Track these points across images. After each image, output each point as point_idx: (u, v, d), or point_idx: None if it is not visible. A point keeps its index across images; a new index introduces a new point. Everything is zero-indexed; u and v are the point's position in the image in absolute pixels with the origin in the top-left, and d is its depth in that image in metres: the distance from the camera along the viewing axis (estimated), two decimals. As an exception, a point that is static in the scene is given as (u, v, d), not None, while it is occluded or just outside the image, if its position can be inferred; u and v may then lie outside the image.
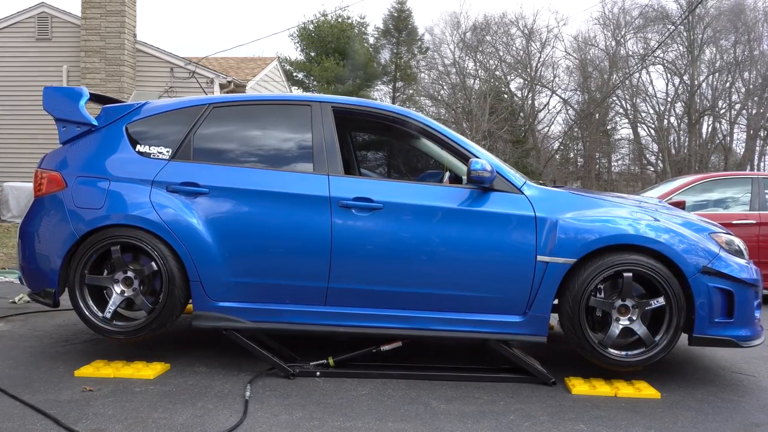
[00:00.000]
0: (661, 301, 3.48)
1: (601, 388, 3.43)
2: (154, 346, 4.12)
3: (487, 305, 3.55)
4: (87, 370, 3.49)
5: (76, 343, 4.16)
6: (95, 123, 3.87)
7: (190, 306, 4.13)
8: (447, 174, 4.04)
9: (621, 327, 3.52)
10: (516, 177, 3.71)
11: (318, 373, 3.55)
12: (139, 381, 3.39)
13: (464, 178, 3.80)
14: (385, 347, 3.66)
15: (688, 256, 3.47)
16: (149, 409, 3.00)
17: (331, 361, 3.61)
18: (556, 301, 3.58)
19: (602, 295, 3.57)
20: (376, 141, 5.25)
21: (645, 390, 3.44)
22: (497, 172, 3.59)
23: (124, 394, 3.19)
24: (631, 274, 3.47)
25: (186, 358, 3.85)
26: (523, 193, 3.61)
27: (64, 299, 3.80)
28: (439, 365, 3.83)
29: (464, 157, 3.73)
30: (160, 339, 4.32)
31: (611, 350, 3.51)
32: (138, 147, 3.78)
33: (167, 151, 3.75)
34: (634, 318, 3.52)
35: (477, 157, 3.64)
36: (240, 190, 3.62)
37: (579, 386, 3.45)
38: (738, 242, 3.74)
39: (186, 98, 4.09)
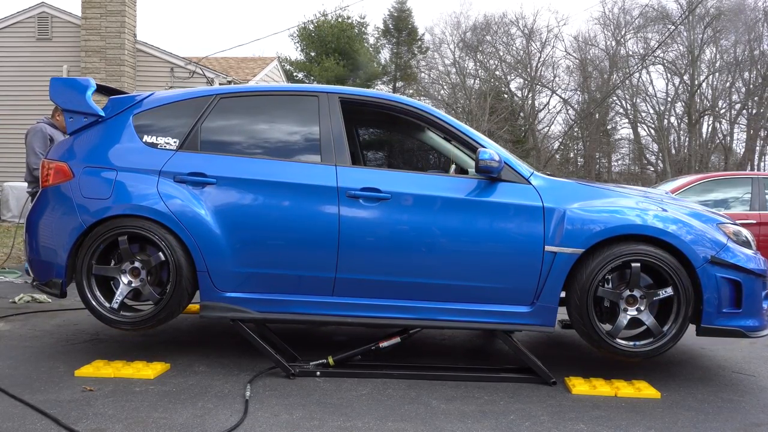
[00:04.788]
0: (669, 291, 3.48)
1: (601, 388, 3.43)
2: (154, 346, 4.12)
3: (495, 295, 3.56)
4: (87, 370, 3.49)
5: (77, 343, 4.16)
6: (102, 114, 3.87)
7: (191, 306, 4.14)
8: (453, 166, 4.04)
9: (629, 317, 3.52)
10: (523, 167, 3.71)
11: (318, 373, 3.55)
12: (139, 381, 3.39)
13: (470, 170, 3.80)
14: (384, 344, 3.66)
15: (696, 247, 3.47)
16: (149, 408, 3.00)
17: (330, 360, 3.61)
18: (562, 294, 3.58)
19: (610, 285, 3.57)
20: (383, 132, 5.26)
21: (645, 390, 3.44)
22: (505, 162, 3.59)
23: (124, 394, 3.19)
24: (639, 265, 3.47)
25: (186, 358, 3.85)
26: (530, 184, 3.61)
27: (71, 292, 3.81)
28: (439, 365, 3.83)
29: (472, 147, 3.73)
30: (161, 339, 4.33)
31: (619, 340, 3.52)
32: (145, 137, 3.78)
33: (174, 142, 3.76)
34: (642, 308, 3.52)
35: (485, 147, 3.65)
36: (247, 180, 3.62)
37: (579, 386, 3.45)
38: (745, 233, 3.74)
39: (193, 89, 4.11)
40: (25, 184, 6.39)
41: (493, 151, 3.54)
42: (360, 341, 3.85)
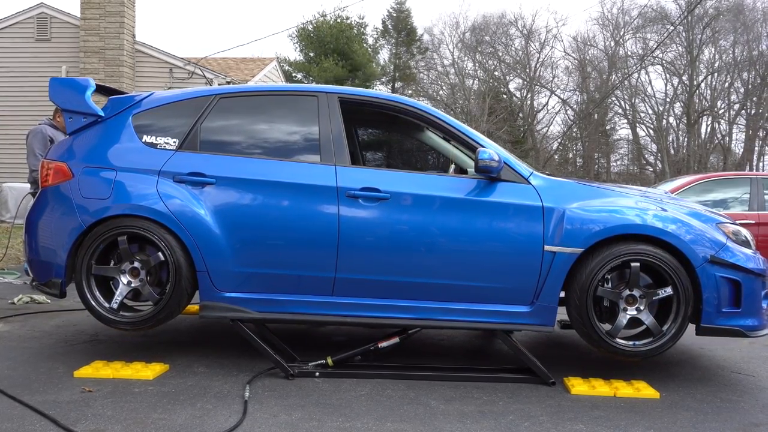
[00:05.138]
0: (669, 290, 3.48)
1: (600, 388, 3.43)
2: (153, 347, 4.11)
3: (494, 295, 3.56)
4: (86, 371, 3.49)
5: (75, 344, 4.16)
6: (102, 114, 3.87)
7: (190, 307, 4.14)
8: (452, 166, 4.04)
9: (629, 317, 3.53)
10: (523, 167, 3.71)
11: (317, 374, 3.54)
12: (138, 381, 3.39)
13: (470, 170, 3.80)
14: (383, 344, 3.66)
15: (696, 246, 3.48)
16: (148, 409, 3.00)
17: (329, 360, 3.61)
18: (562, 294, 3.58)
19: (610, 285, 3.58)
20: (383, 132, 5.26)
21: (644, 390, 3.44)
22: (504, 162, 3.59)
23: (123, 394, 3.19)
24: (638, 264, 3.47)
25: (185, 358, 3.85)
26: (530, 183, 3.62)
27: (71, 292, 3.80)
28: (438, 365, 3.83)
29: (471, 147, 3.73)
30: (160, 339, 4.32)
31: (619, 340, 3.53)
32: (144, 137, 3.78)
33: (174, 142, 3.76)
34: (642, 308, 3.52)
35: (484, 147, 3.65)
36: (247, 180, 3.62)
37: (578, 386, 3.45)
38: (745, 233, 3.74)
39: (192, 89, 4.11)
40: (25, 185, 6.39)
41: (492, 150, 3.54)
42: (359, 342, 3.85)
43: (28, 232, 3.83)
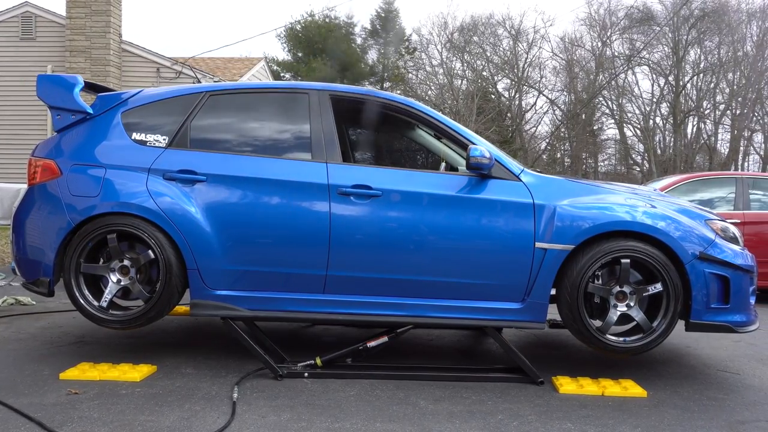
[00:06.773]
0: (659, 287, 3.51)
1: (588, 387, 3.45)
2: (141, 348, 4.09)
3: (486, 292, 3.57)
4: (72, 373, 3.45)
5: (61, 346, 4.12)
6: (90, 111, 3.84)
7: (178, 308, 4.11)
8: (443, 164, 4.06)
9: (619, 313, 3.55)
10: (514, 164, 3.72)
11: (306, 374, 3.53)
12: (125, 383, 3.36)
13: (461, 168, 3.82)
14: (372, 344, 3.65)
15: (685, 243, 3.50)
16: (135, 411, 2.98)
17: (318, 361, 3.60)
18: (553, 292, 3.59)
19: (600, 281, 3.60)
20: (374, 129, 5.25)
21: (632, 389, 3.46)
22: (495, 159, 3.60)
23: (110, 396, 3.16)
24: (628, 261, 3.49)
25: (173, 359, 3.82)
26: (521, 181, 3.63)
27: (59, 292, 3.77)
28: (427, 365, 3.83)
29: (463, 145, 3.74)
30: (147, 340, 4.29)
31: (609, 336, 3.55)
32: (134, 135, 3.76)
33: (164, 139, 3.74)
34: (632, 304, 3.55)
35: (475, 144, 3.66)
36: (238, 178, 3.61)
37: (566, 385, 3.46)
38: (733, 229, 3.78)
39: (182, 86, 4.09)
40: (10, 185, 6.33)
41: (483, 148, 3.55)
42: (348, 342, 3.85)
43: (16, 231, 3.79)
